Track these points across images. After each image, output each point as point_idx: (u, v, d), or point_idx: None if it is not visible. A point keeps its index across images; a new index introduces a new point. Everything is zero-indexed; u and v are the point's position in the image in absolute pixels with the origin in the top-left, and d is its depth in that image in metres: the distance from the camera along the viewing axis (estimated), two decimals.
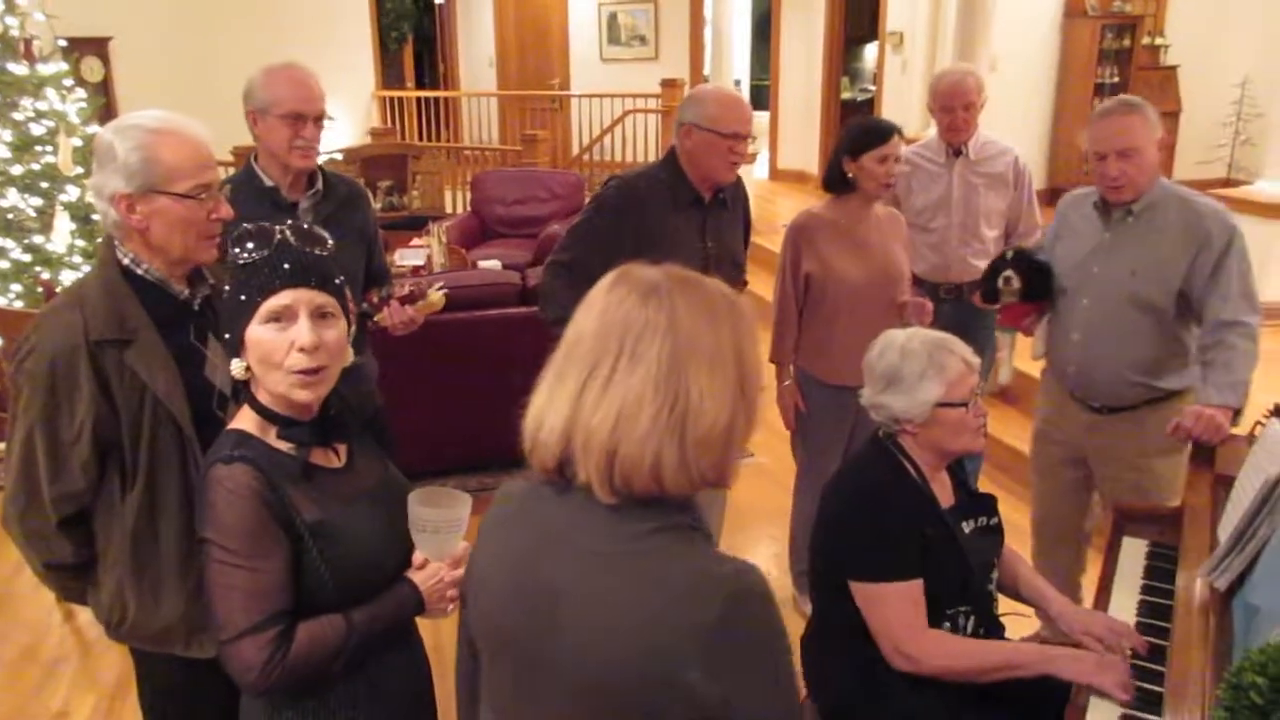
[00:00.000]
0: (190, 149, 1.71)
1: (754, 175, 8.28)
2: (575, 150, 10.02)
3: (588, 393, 1.09)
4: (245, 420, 1.46)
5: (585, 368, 1.10)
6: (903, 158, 3.61)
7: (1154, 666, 1.78)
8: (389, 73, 11.19)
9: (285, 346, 1.39)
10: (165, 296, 1.75)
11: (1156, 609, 1.99)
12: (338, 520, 1.45)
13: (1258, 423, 2.12)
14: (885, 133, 2.90)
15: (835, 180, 3.00)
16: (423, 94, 10.85)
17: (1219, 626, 1.66)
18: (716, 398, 1.08)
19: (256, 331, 1.40)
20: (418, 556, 1.53)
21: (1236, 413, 2.36)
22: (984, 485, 3.70)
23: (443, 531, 1.47)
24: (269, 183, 2.50)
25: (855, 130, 2.99)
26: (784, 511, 3.46)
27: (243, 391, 1.49)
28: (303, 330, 1.40)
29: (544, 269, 2.86)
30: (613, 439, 1.07)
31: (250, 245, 1.41)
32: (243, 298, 1.41)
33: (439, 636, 1.82)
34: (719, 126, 2.70)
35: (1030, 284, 2.76)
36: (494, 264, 5.36)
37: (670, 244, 2.59)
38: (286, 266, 1.40)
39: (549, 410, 1.12)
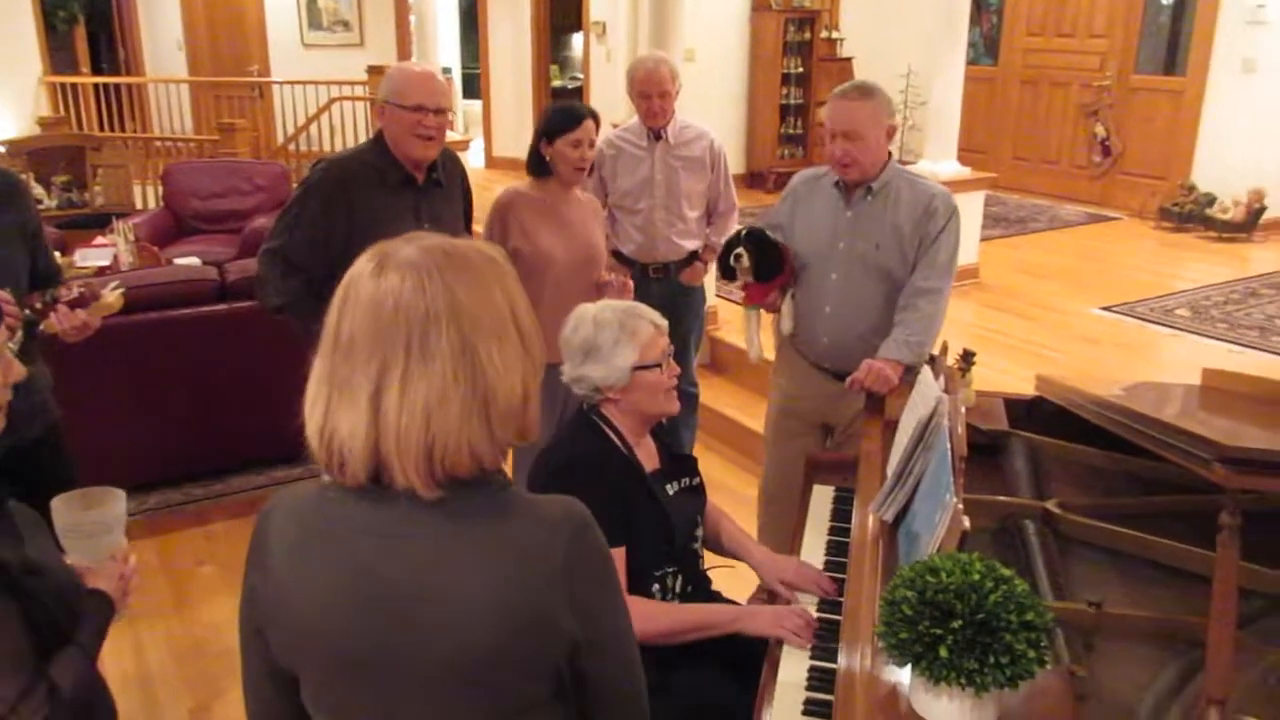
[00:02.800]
0: None
1: (469, 164, 8.21)
2: (280, 139, 9.52)
3: (386, 398, 1.05)
4: None
5: (374, 371, 1.06)
6: (608, 141, 3.75)
7: (837, 614, 1.96)
8: (59, 57, 10.10)
9: None
10: None
11: (841, 548, 2.19)
12: (32, 553, 1.37)
13: (915, 371, 2.38)
14: (577, 117, 2.97)
15: (535, 164, 3.07)
16: (101, 80, 9.86)
17: (887, 556, 1.86)
18: (510, 367, 1.10)
19: None
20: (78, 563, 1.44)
21: (909, 369, 2.63)
22: (699, 452, 3.91)
23: (98, 534, 1.39)
24: None
25: (550, 115, 3.05)
26: None
27: None
28: None
29: (258, 257, 2.77)
30: (427, 439, 1.05)
31: None
32: None
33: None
34: (403, 99, 2.70)
35: (761, 261, 2.83)
36: (193, 261, 5.02)
37: (384, 226, 2.52)
38: None
39: (339, 420, 1.07)
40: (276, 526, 1.16)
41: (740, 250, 2.82)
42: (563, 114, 3.02)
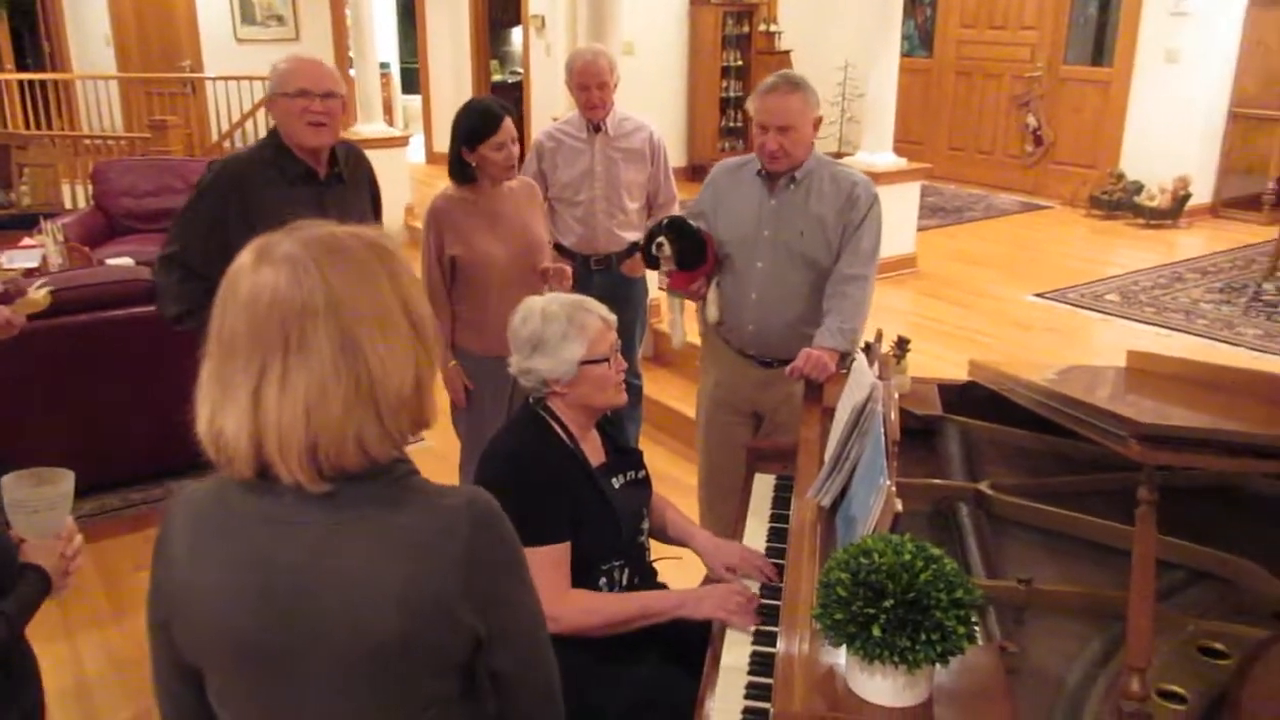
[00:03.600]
0: None
1: (409, 159, 8.15)
2: (214, 136, 9.36)
3: (265, 395, 1.04)
4: None
5: (254, 368, 1.04)
6: (548, 134, 3.75)
7: (780, 586, 2.00)
8: None
9: None
10: None
11: (783, 534, 2.23)
12: None
13: (851, 358, 2.43)
14: (496, 120, 2.92)
15: (458, 171, 3.02)
16: (26, 76, 9.60)
17: (825, 541, 1.89)
18: (398, 358, 1.07)
19: None
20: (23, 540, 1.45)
21: (844, 355, 2.68)
22: (643, 443, 3.93)
23: (42, 510, 1.42)
24: None
25: (468, 120, 2.98)
26: None
27: None
28: None
29: (154, 265, 2.70)
30: (309, 435, 1.04)
31: None
32: None
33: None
34: (286, 87, 2.67)
35: (684, 249, 2.83)
36: (125, 261, 4.91)
37: (285, 223, 2.52)
38: None
39: (224, 418, 1.06)
40: (179, 519, 1.16)
41: (661, 239, 2.83)
42: (481, 118, 2.94)
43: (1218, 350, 4.92)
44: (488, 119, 2.93)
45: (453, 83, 9.89)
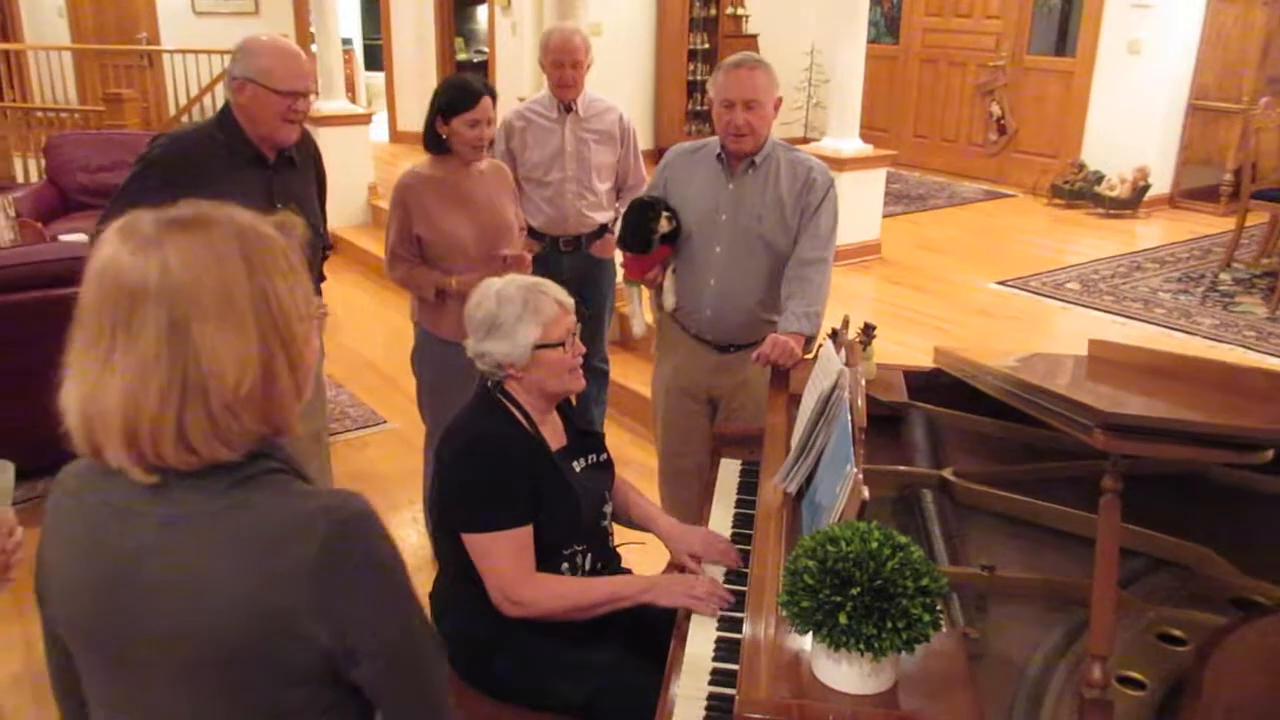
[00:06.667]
0: None
1: (372, 137, 8.03)
2: (171, 111, 9.17)
3: (96, 374, 0.99)
4: None
5: (89, 343, 1.00)
6: (518, 114, 3.71)
7: (746, 572, 2.00)
8: None
9: None
10: None
11: (748, 520, 2.22)
12: None
13: (819, 345, 2.42)
14: (474, 96, 2.89)
15: (431, 140, 2.99)
16: None
17: (791, 528, 1.89)
18: (235, 355, 1.00)
19: None
20: None
21: (810, 340, 2.69)
22: (608, 428, 3.92)
23: None
24: None
25: (446, 91, 2.96)
26: (418, 474, 3.45)
27: None
28: None
29: (92, 237, 2.63)
30: (127, 421, 0.98)
31: None
32: None
33: None
34: (275, 83, 2.59)
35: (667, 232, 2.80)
36: (79, 238, 4.79)
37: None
38: None
39: (67, 393, 1.02)
40: (52, 495, 1.15)
41: (668, 213, 2.79)
42: (460, 91, 2.92)
43: (1175, 339, 4.99)
44: (465, 93, 2.90)
45: (416, 60, 9.74)
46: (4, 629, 2.97)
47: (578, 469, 2.14)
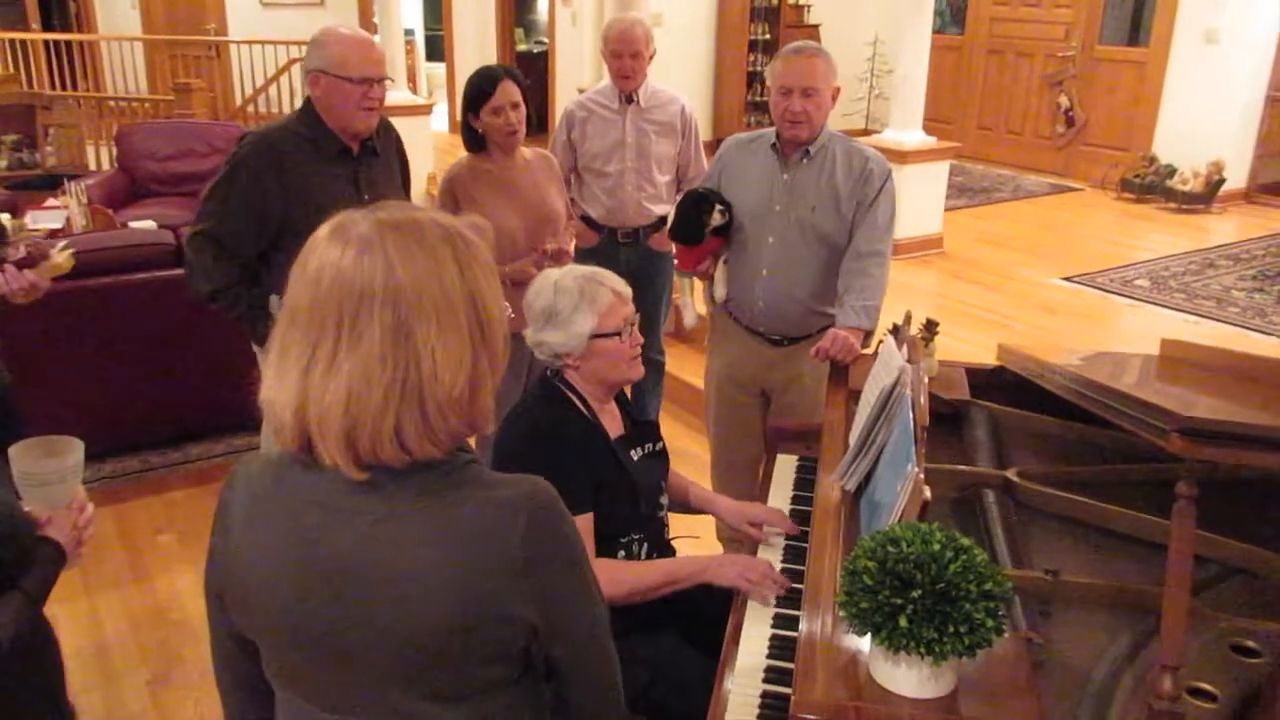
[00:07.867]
0: None
1: (433, 127, 8.11)
2: (238, 101, 9.34)
3: (314, 372, 1.02)
4: None
5: (308, 344, 1.02)
6: (579, 104, 3.71)
7: (800, 568, 1.98)
8: (8, 13, 9.80)
9: None
10: None
11: (804, 516, 2.20)
12: None
13: (879, 341, 2.39)
14: (492, 82, 2.91)
15: (469, 138, 3.03)
16: (52, 37, 9.60)
17: (849, 525, 1.86)
18: (452, 357, 1.03)
19: None
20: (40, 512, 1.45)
21: (868, 334, 2.65)
22: (663, 420, 3.91)
23: (52, 483, 1.40)
24: None
25: (468, 88, 2.99)
26: None
27: None
28: None
29: (186, 242, 2.66)
30: (347, 419, 1.01)
31: None
32: None
33: None
34: (347, 72, 2.59)
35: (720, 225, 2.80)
36: (148, 224, 4.91)
37: (322, 200, 2.48)
38: None
39: (279, 388, 1.04)
40: (239, 489, 1.14)
41: (722, 206, 2.78)
42: (478, 82, 2.93)
43: (1250, 339, 4.84)
44: (484, 83, 2.92)
45: (477, 51, 9.82)
46: (72, 606, 3.05)
47: (636, 457, 2.14)
